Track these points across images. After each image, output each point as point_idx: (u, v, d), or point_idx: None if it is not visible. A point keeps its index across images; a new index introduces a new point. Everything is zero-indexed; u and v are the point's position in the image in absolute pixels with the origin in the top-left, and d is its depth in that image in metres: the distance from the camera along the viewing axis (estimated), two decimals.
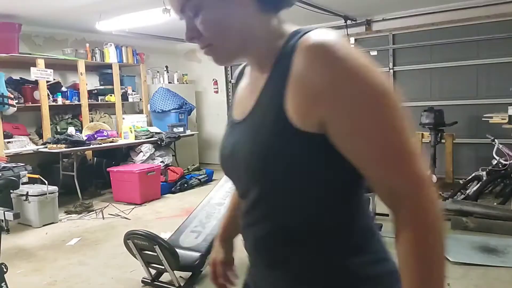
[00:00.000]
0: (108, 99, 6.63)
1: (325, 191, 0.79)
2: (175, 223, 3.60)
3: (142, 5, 4.91)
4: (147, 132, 6.45)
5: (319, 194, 0.79)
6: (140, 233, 2.79)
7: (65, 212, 5.11)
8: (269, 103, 0.79)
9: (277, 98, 0.77)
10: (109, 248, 3.87)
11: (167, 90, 7.16)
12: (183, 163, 6.97)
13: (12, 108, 5.05)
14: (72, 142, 5.39)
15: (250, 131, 0.83)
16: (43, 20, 5.68)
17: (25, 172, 4.47)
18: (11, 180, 2.74)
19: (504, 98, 5.41)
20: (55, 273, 3.35)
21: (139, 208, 5.28)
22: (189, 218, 3.37)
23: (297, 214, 0.81)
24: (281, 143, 0.76)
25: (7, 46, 5.27)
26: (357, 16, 6.47)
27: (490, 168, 4.82)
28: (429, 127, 5.43)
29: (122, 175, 5.58)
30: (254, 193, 0.84)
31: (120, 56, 6.78)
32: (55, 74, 5.86)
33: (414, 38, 6.30)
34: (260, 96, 0.83)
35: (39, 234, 4.38)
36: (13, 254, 3.76)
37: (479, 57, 5.88)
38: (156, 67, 7.68)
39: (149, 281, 2.99)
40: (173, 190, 6.05)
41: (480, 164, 5.21)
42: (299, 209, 0.81)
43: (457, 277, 2.96)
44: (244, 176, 0.85)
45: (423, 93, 6.36)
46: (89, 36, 6.60)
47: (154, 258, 2.80)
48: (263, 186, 0.82)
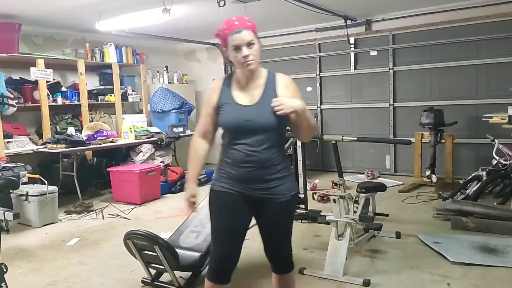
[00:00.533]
0: (108, 99, 6.63)
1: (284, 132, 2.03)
2: (175, 223, 3.60)
3: (142, 5, 4.91)
4: (147, 132, 6.45)
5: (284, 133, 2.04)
6: (140, 233, 2.79)
7: (65, 212, 5.11)
8: (271, 96, 1.91)
9: (274, 92, 1.94)
10: (109, 248, 3.87)
11: (167, 90, 7.16)
12: (183, 163, 6.96)
13: (12, 108, 5.05)
14: (72, 142, 5.39)
15: (264, 108, 1.89)
16: (43, 20, 5.68)
17: (25, 172, 4.47)
18: (11, 180, 2.74)
19: (504, 98, 5.41)
20: (55, 273, 3.35)
21: (139, 208, 5.28)
22: (189, 218, 3.36)
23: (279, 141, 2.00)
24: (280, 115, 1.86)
25: (7, 46, 5.27)
26: (357, 16, 6.47)
27: (490, 168, 4.82)
28: (429, 127, 5.44)
29: (122, 175, 5.58)
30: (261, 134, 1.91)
31: (120, 56, 6.78)
32: (55, 74, 5.86)
33: (414, 38, 6.31)
34: (263, 92, 1.95)
35: (39, 234, 4.38)
36: (13, 254, 3.76)
37: (479, 57, 5.89)
38: (156, 67, 7.68)
39: (149, 281, 2.99)
40: (173, 190, 6.05)
41: (480, 164, 5.22)
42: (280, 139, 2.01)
43: (457, 277, 2.97)
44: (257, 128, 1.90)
45: (423, 93, 6.37)
46: (89, 36, 6.60)
47: (154, 258, 2.80)
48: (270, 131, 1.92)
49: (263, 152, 1.91)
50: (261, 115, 1.89)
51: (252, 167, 1.92)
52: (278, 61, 7.51)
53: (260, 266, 3.10)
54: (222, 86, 2.00)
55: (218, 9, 4.70)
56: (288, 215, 2.08)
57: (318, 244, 3.71)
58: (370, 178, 6.36)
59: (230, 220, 2.00)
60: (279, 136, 1.98)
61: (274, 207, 1.98)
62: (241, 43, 1.84)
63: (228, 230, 2.01)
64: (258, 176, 1.94)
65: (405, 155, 6.42)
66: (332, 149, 3.64)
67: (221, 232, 2.02)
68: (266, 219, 2.05)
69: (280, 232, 2.08)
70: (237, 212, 1.99)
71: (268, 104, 1.86)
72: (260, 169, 1.93)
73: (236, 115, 1.92)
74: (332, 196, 3.25)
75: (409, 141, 3.82)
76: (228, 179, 1.98)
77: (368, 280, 2.89)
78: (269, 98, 1.88)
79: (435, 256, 3.34)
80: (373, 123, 6.78)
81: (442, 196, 4.97)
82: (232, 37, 1.85)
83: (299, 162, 4.29)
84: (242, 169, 1.93)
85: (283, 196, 1.98)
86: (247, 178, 1.94)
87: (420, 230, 3.94)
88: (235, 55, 1.87)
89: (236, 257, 2.05)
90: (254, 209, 2.02)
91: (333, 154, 3.69)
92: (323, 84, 7.26)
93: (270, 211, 2.00)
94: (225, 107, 1.96)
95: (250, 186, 1.95)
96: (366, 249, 3.54)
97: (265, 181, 1.95)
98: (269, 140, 1.92)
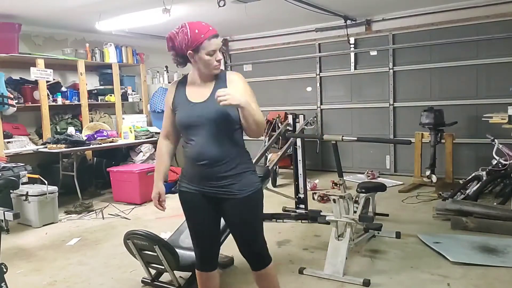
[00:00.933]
0: (108, 99, 6.62)
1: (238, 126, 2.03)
2: (175, 223, 3.60)
3: (142, 5, 4.91)
4: (147, 132, 6.46)
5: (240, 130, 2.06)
6: (140, 233, 2.79)
7: (65, 212, 5.11)
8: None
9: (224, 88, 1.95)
10: (109, 248, 3.87)
11: (167, 90, 7.13)
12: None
13: (12, 108, 5.04)
14: (72, 142, 5.39)
15: (213, 105, 1.92)
16: (43, 20, 5.67)
17: (25, 172, 4.47)
18: (11, 180, 2.74)
19: (504, 98, 5.41)
20: (55, 273, 3.35)
21: (139, 208, 5.28)
22: None
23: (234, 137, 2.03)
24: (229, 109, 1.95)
25: (7, 46, 5.27)
26: (357, 16, 6.47)
27: (490, 168, 4.82)
28: (429, 127, 5.44)
29: (122, 175, 5.58)
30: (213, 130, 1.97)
31: (120, 56, 6.78)
32: (55, 74, 5.86)
33: (414, 38, 6.31)
34: (213, 88, 2.01)
35: (39, 234, 4.38)
36: (13, 254, 3.76)
37: (479, 57, 5.89)
38: (156, 67, 7.67)
39: (149, 281, 2.99)
40: (173, 190, 6.02)
41: (480, 164, 5.22)
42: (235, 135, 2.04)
43: (457, 277, 2.97)
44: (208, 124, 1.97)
45: (423, 93, 6.37)
46: (89, 36, 6.60)
47: (154, 258, 2.80)
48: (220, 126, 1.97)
49: (214, 149, 1.98)
50: (211, 110, 1.96)
51: (204, 164, 1.99)
52: (278, 61, 7.52)
53: None
54: (177, 88, 2.15)
55: (218, 9, 4.70)
56: (250, 212, 2.08)
57: (318, 244, 3.71)
58: (370, 178, 6.36)
59: (197, 219, 2.15)
60: (232, 132, 2.02)
61: (232, 205, 2.04)
62: (216, 48, 1.97)
63: (198, 229, 2.17)
64: (212, 174, 2.01)
65: (405, 155, 6.42)
66: (332, 149, 3.63)
67: (192, 230, 2.20)
68: (228, 217, 2.11)
69: (245, 230, 2.10)
70: (201, 211, 2.11)
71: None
72: (213, 166, 1.99)
73: (188, 112, 2.03)
74: (332, 196, 3.25)
75: (409, 141, 3.81)
76: (187, 179, 2.11)
77: (368, 280, 2.89)
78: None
79: (435, 256, 3.34)
80: (373, 123, 6.78)
81: (442, 196, 4.97)
82: (210, 41, 1.94)
83: (299, 162, 4.29)
84: (197, 167, 2.03)
85: (240, 194, 2.01)
86: (202, 176, 2.03)
87: (420, 230, 3.94)
88: (208, 59, 1.96)
89: (215, 249, 2.24)
90: (216, 206, 2.08)
91: (333, 154, 3.68)
92: (323, 84, 7.25)
93: (229, 209, 2.06)
94: (179, 107, 2.08)
95: (206, 184, 2.04)
96: (366, 249, 3.54)
97: (218, 178, 2.01)
98: (221, 136, 1.98)
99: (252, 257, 2.16)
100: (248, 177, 2.05)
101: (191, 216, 2.16)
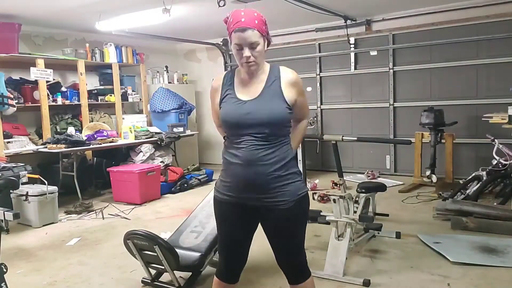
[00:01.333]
0: (108, 99, 6.63)
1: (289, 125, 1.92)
2: (175, 223, 3.60)
3: (142, 5, 4.91)
4: (147, 132, 6.45)
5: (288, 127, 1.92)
6: (140, 233, 2.78)
7: (65, 212, 5.11)
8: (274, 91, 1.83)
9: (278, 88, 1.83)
10: (109, 248, 3.87)
11: (167, 90, 7.16)
12: (183, 163, 6.97)
13: (12, 108, 5.04)
14: (72, 142, 5.39)
15: (264, 103, 1.80)
16: (43, 20, 5.68)
17: (25, 172, 4.46)
18: (11, 180, 2.74)
19: (504, 98, 5.41)
20: (55, 273, 3.35)
21: (139, 208, 5.28)
22: (189, 218, 3.36)
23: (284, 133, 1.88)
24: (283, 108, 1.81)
25: (7, 46, 5.27)
26: (357, 16, 6.47)
27: (490, 168, 4.82)
28: (429, 127, 5.44)
29: (122, 175, 5.58)
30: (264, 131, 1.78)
31: (120, 56, 6.78)
32: (55, 74, 5.86)
33: (414, 38, 6.31)
34: (265, 86, 1.84)
35: (39, 234, 4.38)
36: (13, 254, 3.76)
37: (479, 57, 5.89)
38: (156, 67, 7.68)
39: (149, 281, 2.99)
40: (173, 190, 6.05)
41: (480, 164, 5.22)
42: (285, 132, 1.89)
43: (457, 277, 2.97)
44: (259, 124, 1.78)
45: (423, 93, 6.36)
46: (89, 36, 6.60)
47: (154, 258, 2.80)
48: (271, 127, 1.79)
49: (264, 152, 1.78)
50: (261, 109, 1.77)
51: (252, 171, 1.79)
52: (278, 61, 7.49)
53: (260, 265, 3.10)
54: (223, 84, 1.91)
55: (218, 9, 4.70)
56: (297, 222, 1.90)
57: (318, 244, 3.71)
58: (370, 178, 6.36)
59: (230, 231, 1.96)
60: (285, 133, 1.87)
61: (278, 216, 1.84)
62: (243, 43, 1.73)
63: (229, 239, 1.98)
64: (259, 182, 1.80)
65: (405, 155, 6.42)
66: (332, 149, 3.63)
67: (222, 240, 2.00)
68: (272, 229, 1.92)
69: (290, 242, 1.92)
70: (238, 223, 1.92)
71: (270, 99, 1.79)
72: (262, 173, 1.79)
73: (236, 109, 1.81)
74: (332, 196, 3.25)
75: (409, 141, 3.82)
76: (227, 186, 1.89)
77: (368, 280, 2.89)
78: (271, 93, 1.81)
79: (435, 256, 3.34)
80: (373, 123, 6.78)
81: (442, 196, 4.97)
82: (235, 34, 1.73)
83: (299, 162, 4.30)
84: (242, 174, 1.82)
85: (287, 203, 1.82)
86: (246, 184, 1.82)
87: (420, 230, 3.94)
88: (235, 52, 1.79)
89: (242, 261, 2.02)
90: (255, 218, 1.92)
91: (333, 154, 3.68)
92: (323, 84, 7.25)
93: (275, 220, 1.87)
94: (225, 102, 1.86)
95: (249, 193, 1.83)
96: (366, 249, 3.54)
97: (266, 187, 1.80)
98: (272, 138, 1.79)
99: (293, 270, 1.96)
100: (296, 184, 1.87)
101: (222, 227, 1.98)
